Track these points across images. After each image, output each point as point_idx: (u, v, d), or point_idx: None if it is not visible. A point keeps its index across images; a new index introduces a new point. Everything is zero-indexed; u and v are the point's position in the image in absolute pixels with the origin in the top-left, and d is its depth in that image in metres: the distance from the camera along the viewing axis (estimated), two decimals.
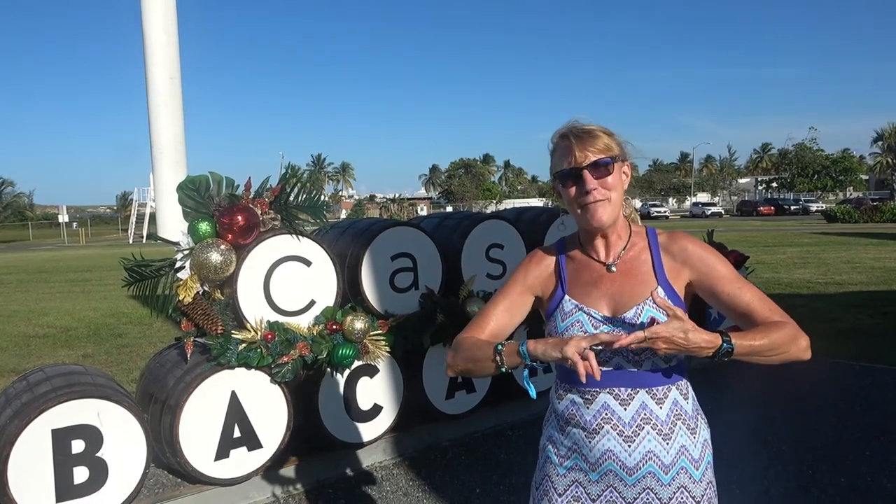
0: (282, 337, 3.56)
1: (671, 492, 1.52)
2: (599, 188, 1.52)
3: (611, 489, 1.56)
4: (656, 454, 1.52)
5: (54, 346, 8.11)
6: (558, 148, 1.58)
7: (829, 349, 6.59)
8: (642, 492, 1.53)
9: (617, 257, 1.61)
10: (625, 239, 1.62)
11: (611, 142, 1.55)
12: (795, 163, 66.11)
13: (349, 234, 4.24)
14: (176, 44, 4.92)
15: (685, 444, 1.54)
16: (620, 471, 1.53)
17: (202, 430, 3.40)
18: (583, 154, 1.52)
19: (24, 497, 2.92)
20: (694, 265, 1.57)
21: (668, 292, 1.55)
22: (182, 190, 3.41)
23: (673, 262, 1.59)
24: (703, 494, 1.55)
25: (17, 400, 3.11)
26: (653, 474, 1.52)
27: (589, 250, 1.64)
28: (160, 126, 4.94)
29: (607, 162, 1.53)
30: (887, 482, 3.60)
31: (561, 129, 1.59)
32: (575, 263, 1.65)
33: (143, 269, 3.48)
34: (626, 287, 1.57)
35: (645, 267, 1.59)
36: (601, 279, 1.60)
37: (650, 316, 1.51)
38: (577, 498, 1.60)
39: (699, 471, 1.55)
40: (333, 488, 3.76)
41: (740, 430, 4.47)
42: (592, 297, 1.59)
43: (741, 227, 33.78)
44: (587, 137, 1.53)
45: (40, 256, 29.11)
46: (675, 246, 1.59)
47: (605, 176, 1.53)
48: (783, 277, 12.12)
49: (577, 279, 1.63)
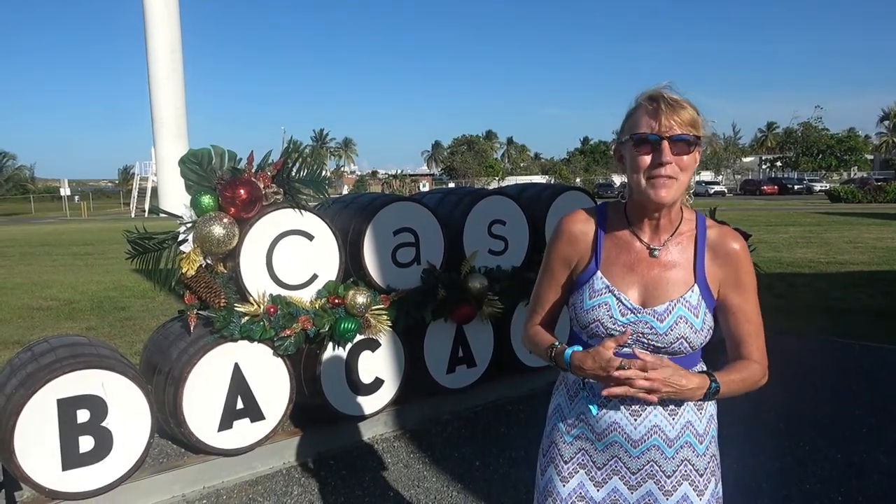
0: (284, 310, 3.58)
1: (675, 464, 1.55)
2: (675, 164, 1.41)
3: (615, 459, 1.57)
4: (661, 429, 1.53)
5: (58, 318, 8.16)
6: (642, 109, 1.45)
7: (830, 328, 6.62)
8: (647, 463, 1.55)
9: (662, 243, 1.53)
10: (675, 224, 1.53)
11: (699, 120, 1.44)
12: (800, 142, 65.66)
13: (352, 209, 4.24)
14: (177, 16, 4.87)
15: (691, 420, 1.55)
16: (625, 443, 1.54)
17: (206, 402, 3.44)
18: (669, 123, 1.40)
19: (31, 465, 2.96)
20: (731, 271, 1.53)
21: (704, 292, 1.51)
22: (184, 163, 3.40)
23: (715, 260, 1.52)
24: (707, 467, 1.58)
25: (23, 370, 3.14)
26: (657, 447, 1.54)
27: (635, 228, 1.55)
28: (161, 99, 4.91)
29: (692, 140, 1.42)
30: (883, 458, 3.64)
31: (650, 91, 1.46)
32: (615, 239, 1.56)
33: (147, 242, 3.49)
34: (662, 277, 1.51)
35: (687, 261, 1.52)
36: (639, 262, 1.53)
37: (680, 315, 1.48)
38: (584, 465, 1.61)
39: (703, 445, 1.57)
40: (335, 460, 3.81)
41: (738, 406, 4.50)
42: (626, 280, 1.52)
43: (744, 205, 33.69)
44: (678, 107, 1.41)
45: (43, 230, 29.15)
46: (724, 247, 1.52)
47: (685, 154, 1.42)
48: (785, 256, 12.12)
49: (615, 258, 1.55)
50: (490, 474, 3.59)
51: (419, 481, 3.54)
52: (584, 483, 1.61)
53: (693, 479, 1.56)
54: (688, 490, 1.55)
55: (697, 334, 1.50)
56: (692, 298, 1.50)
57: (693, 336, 1.49)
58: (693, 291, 1.50)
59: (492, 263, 4.55)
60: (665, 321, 1.48)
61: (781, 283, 9.32)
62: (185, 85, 5.05)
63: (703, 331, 1.51)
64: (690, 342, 1.50)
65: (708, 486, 1.57)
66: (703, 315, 1.50)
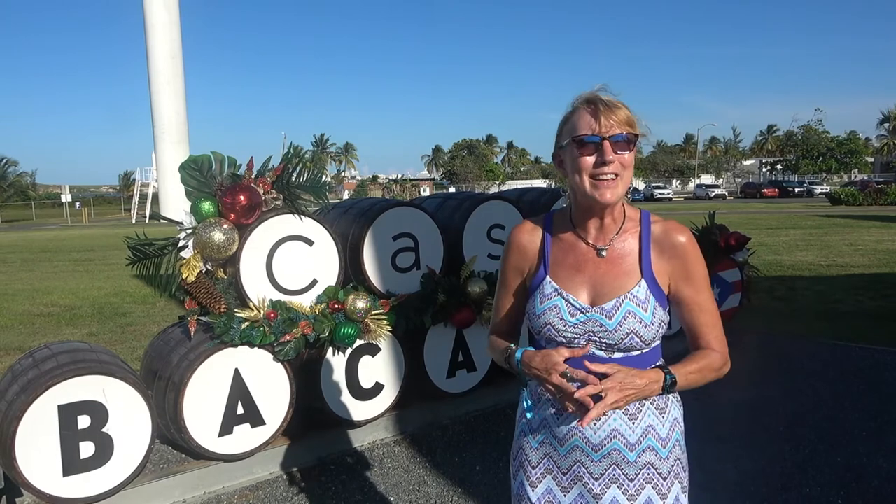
0: (284, 316, 3.59)
1: (637, 468, 1.55)
2: (617, 162, 1.44)
3: (578, 464, 1.58)
4: (621, 433, 1.54)
5: (59, 324, 8.17)
6: (581, 112, 1.47)
7: (830, 331, 6.62)
8: (609, 467, 1.55)
9: (608, 242, 1.55)
10: (619, 223, 1.56)
11: (634, 119, 1.47)
12: (801, 145, 65.69)
13: (351, 214, 4.25)
14: (178, 22, 4.89)
15: (652, 424, 1.55)
16: (586, 447, 1.55)
17: (206, 407, 3.45)
18: (608, 123, 1.43)
19: (32, 471, 2.97)
20: (679, 264, 1.54)
21: (651, 286, 1.52)
22: (184, 170, 3.41)
23: (662, 255, 1.54)
24: (671, 471, 1.57)
25: (24, 376, 3.15)
26: (618, 451, 1.54)
27: (580, 230, 1.58)
28: (162, 105, 4.92)
29: (631, 138, 1.45)
30: (883, 462, 3.63)
31: (586, 94, 1.49)
32: (562, 243, 1.59)
33: (147, 248, 3.50)
34: (609, 275, 1.53)
35: (632, 257, 1.54)
36: (586, 263, 1.55)
37: (628, 311, 1.49)
38: (550, 470, 1.62)
39: (666, 449, 1.57)
40: (336, 465, 3.81)
41: (738, 409, 4.51)
42: (574, 281, 1.55)
43: (745, 209, 33.69)
44: (615, 108, 1.44)
45: (44, 236, 29.19)
46: (670, 240, 1.54)
47: (625, 151, 1.45)
48: (785, 259, 12.12)
49: (562, 261, 1.58)
50: (490, 479, 3.59)
51: (419, 486, 3.54)
52: (552, 488, 1.62)
53: (656, 483, 1.56)
54: (651, 494, 1.55)
55: (647, 328, 1.50)
56: (639, 293, 1.51)
57: (643, 330, 1.50)
58: (640, 286, 1.51)
59: (491, 268, 4.56)
60: (613, 318, 1.49)
61: (782, 286, 9.32)
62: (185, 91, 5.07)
63: (653, 325, 1.51)
64: (641, 337, 1.50)
65: (672, 490, 1.57)
66: (651, 309, 1.51)
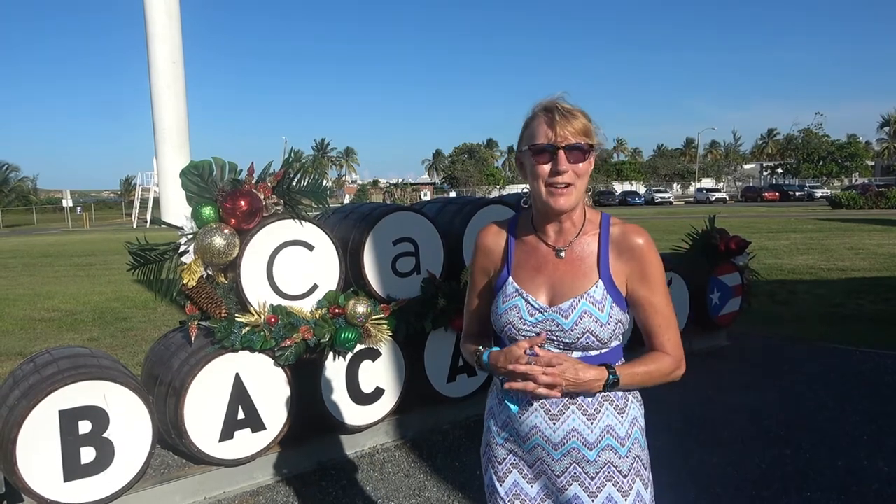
0: (285, 320, 3.60)
1: (598, 467, 1.59)
2: (571, 171, 1.50)
3: (540, 461, 1.64)
4: (580, 432, 1.58)
5: (60, 329, 8.18)
6: (539, 120, 1.52)
7: (830, 335, 6.62)
8: (570, 465, 1.60)
9: (567, 244, 1.60)
10: (578, 226, 1.61)
11: (591, 128, 1.52)
12: (801, 148, 65.73)
13: (351, 219, 4.26)
14: (178, 28, 4.91)
15: (611, 424, 1.59)
16: (546, 445, 1.60)
17: (207, 412, 3.45)
18: (564, 133, 1.48)
19: (33, 476, 2.97)
20: (637, 265, 1.58)
21: (608, 287, 1.56)
22: (185, 175, 3.42)
23: (620, 256, 1.58)
24: (630, 468, 1.61)
25: (25, 381, 3.16)
26: (577, 450, 1.58)
27: (540, 233, 1.64)
28: (162, 110, 4.93)
29: (586, 148, 1.51)
30: (884, 465, 3.63)
31: (544, 102, 1.54)
32: (524, 245, 1.66)
33: (148, 253, 3.51)
34: (568, 276, 1.58)
35: (590, 259, 1.59)
36: (546, 264, 1.61)
37: (584, 310, 1.53)
38: (515, 465, 1.69)
39: (625, 447, 1.61)
40: (336, 469, 3.81)
41: (738, 413, 4.51)
42: (535, 282, 1.61)
43: (745, 212, 33.70)
44: (572, 117, 1.49)
45: (45, 241, 29.22)
46: (627, 243, 1.58)
47: (580, 161, 1.51)
48: (786, 263, 12.12)
49: (524, 262, 1.64)
50: None
51: (420, 491, 3.54)
52: (518, 482, 1.69)
53: (616, 480, 1.60)
54: (612, 491, 1.60)
55: (603, 328, 1.54)
56: (596, 294, 1.55)
57: (599, 330, 1.54)
58: (597, 287, 1.56)
59: None
60: (570, 317, 1.54)
61: (782, 289, 9.32)
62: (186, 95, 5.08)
63: (609, 324, 1.55)
64: (597, 336, 1.54)
65: (633, 487, 1.61)
66: (608, 309, 1.55)
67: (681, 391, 5.04)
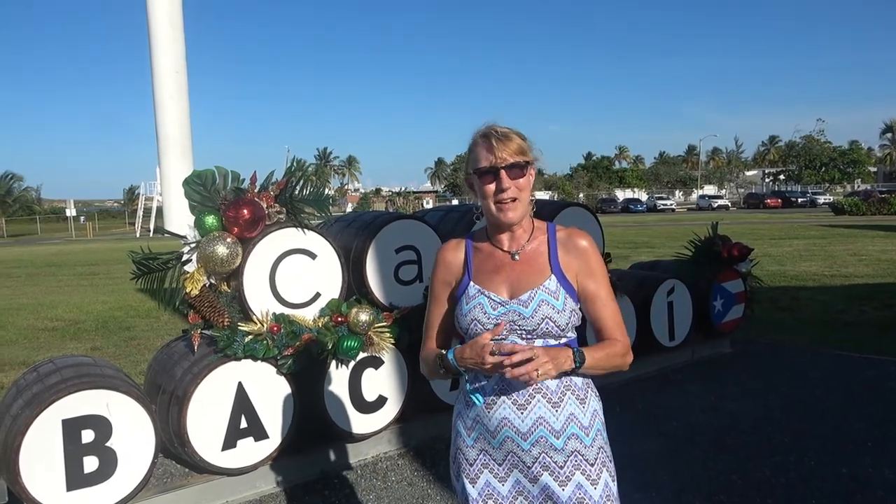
0: (287, 329, 3.61)
1: (565, 455, 1.70)
2: (513, 187, 1.69)
3: (511, 454, 1.73)
4: (546, 420, 1.69)
5: (63, 338, 8.19)
6: (479, 146, 1.71)
7: (834, 341, 6.60)
8: (539, 454, 1.70)
9: (521, 247, 1.78)
10: (528, 232, 1.80)
11: (525, 146, 1.72)
12: (803, 155, 65.73)
13: (354, 227, 4.27)
14: (181, 37, 4.94)
15: (574, 413, 1.72)
16: (516, 436, 1.70)
17: (209, 421, 3.45)
18: (502, 155, 1.67)
19: (36, 485, 2.97)
20: (583, 262, 1.76)
21: (561, 280, 1.73)
22: (188, 184, 3.44)
23: (567, 255, 1.77)
24: (597, 457, 1.73)
25: (28, 391, 3.16)
26: (545, 439, 1.69)
27: (495, 242, 1.81)
28: (166, 119, 4.95)
29: (523, 165, 1.69)
30: (889, 472, 3.62)
31: (482, 129, 1.73)
32: (482, 254, 1.82)
33: (151, 262, 3.53)
34: (524, 274, 1.75)
35: (542, 258, 1.77)
36: (503, 266, 1.78)
37: (542, 300, 1.70)
38: (486, 465, 1.78)
39: (589, 437, 1.73)
40: (339, 478, 3.81)
41: (742, 420, 4.50)
42: (494, 282, 1.77)
43: (748, 219, 33.68)
44: (506, 140, 1.68)
45: (48, 250, 29.30)
46: (573, 243, 1.78)
47: (520, 177, 1.69)
48: (789, 270, 12.10)
49: (483, 268, 1.80)
50: None
51: (423, 499, 3.53)
52: (490, 481, 1.78)
53: (584, 469, 1.71)
54: (581, 479, 1.70)
55: (560, 314, 1.70)
56: (551, 285, 1.72)
57: (556, 316, 1.69)
58: (551, 280, 1.73)
59: None
60: (529, 306, 1.70)
61: (785, 296, 9.30)
62: (189, 105, 5.11)
63: (565, 311, 1.71)
64: (555, 322, 1.69)
65: (601, 476, 1.72)
66: (563, 298, 1.72)
67: (684, 398, 5.04)
